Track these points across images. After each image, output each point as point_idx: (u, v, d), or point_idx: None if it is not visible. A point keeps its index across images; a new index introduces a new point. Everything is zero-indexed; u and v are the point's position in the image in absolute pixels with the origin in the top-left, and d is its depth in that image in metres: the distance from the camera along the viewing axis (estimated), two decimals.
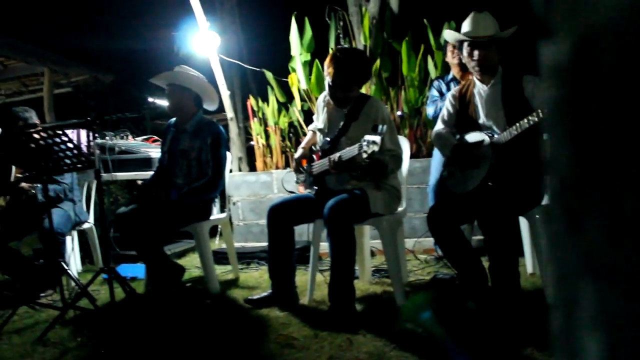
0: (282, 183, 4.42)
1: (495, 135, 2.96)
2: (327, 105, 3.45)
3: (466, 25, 3.09)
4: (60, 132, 3.17)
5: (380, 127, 2.81)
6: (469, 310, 2.89)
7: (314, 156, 3.47)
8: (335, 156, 3.06)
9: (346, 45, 5.41)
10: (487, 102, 3.08)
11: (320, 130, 3.51)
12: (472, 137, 3.06)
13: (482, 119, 3.08)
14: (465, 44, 3.05)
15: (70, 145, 3.24)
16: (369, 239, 3.79)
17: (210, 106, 4.09)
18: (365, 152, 2.77)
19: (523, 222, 3.49)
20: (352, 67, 3.18)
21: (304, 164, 3.50)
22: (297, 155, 3.57)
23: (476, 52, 3.01)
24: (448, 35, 3.39)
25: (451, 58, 4.20)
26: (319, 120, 3.53)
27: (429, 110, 4.38)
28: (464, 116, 3.17)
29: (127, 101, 4.11)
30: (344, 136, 3.26)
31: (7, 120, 4.24)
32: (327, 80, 3.25)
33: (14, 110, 4.32)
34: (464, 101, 3.18)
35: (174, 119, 4.08)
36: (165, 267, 3.70)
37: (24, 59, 9.35)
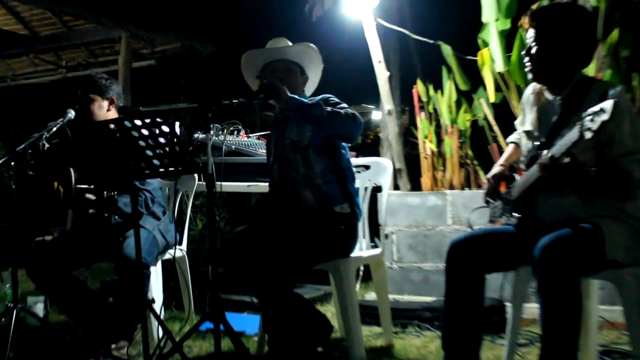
0: (469, 223, 4.37)
1: None
2: (537, 97, 3.45)
3: None
4: (161, 120, 3.28)
5: (611, 91, 2.75)
6: None
7: (516, 175, 3.45)
8: (547, 156, 3.01)
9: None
10: None
11: (527, 134, 3.50)
12: None
13: None
14: None
15: (168, 138, 3.31)
16: (597, 301, 3.68)
17: (316, 73, 4.21)
18: (589, 129, 2.71)
19: None
20: (559, 25, 3.21)
21: (503, 188, 3.48)
22: (491, 173, 3.56)
23: None
24: None
25: None
26: (526, 122, 3.53)
27: None
28: None
29: (232, 82, 4.17)
30: (559, 135, 3.17)
31: (82, 95, 4.48)
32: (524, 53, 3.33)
33: (94, 76, 4.54)
34: None
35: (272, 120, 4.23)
36: (300, 318, 3.76)
37: (96, 19, 9.89)
